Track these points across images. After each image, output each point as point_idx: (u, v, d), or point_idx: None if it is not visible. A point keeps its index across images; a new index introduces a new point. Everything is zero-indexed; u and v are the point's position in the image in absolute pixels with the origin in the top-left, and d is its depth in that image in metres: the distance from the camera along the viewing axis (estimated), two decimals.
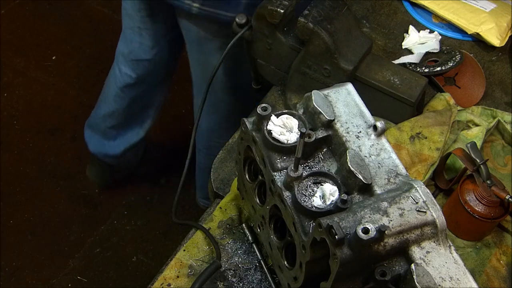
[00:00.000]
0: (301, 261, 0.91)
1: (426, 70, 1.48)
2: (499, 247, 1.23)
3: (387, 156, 0.93)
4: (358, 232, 0.77)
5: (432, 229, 0.84)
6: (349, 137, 0.94)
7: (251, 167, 1.08)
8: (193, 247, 1.18)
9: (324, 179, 0.92)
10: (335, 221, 0.80)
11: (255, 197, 1.06)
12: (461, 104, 1.43)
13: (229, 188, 1.29)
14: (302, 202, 0.88)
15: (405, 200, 0.85)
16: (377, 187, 0.89)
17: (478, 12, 1.62)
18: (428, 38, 1.59)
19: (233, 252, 1.17)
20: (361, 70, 1.34)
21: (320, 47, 1.29)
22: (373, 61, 1.36)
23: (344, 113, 0.97)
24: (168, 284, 1.13)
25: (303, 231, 0.88)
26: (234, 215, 1.22)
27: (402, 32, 1.62)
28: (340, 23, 1.31)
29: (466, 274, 0.83)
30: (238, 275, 1.14)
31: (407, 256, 0.83)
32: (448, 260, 0.84)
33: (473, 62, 1.54)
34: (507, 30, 1.60)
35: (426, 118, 1.34)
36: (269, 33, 1.38)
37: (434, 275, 0.81)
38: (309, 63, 1.34)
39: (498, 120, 1.38)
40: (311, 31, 1.27)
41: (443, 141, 1.31)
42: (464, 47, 1.60)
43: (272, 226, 1.02)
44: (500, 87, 1.53)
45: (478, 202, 1.18)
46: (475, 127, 1.38)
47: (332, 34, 1.28)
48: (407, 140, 1.30)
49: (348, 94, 1.00)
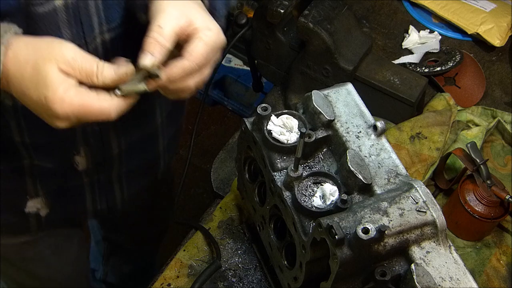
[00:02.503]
0: (301, 261, 0.91)
1: (426, 70, 1.48)
2: (499, 247, 1.23)
3: (387, 156, 0.93)
4: (358, 232, 0.77)
5: (432, 229, 0.84)
6: (349, 137, 0.94)
7: (251, 167, 1.08)
8: (193, 247, 1.18)
9: (324, 179, 0.92)
10: (335, 221, 0.80)
11: (255, 197, 1.06)
12: (461, 104, 1.43)
13: (229, 188, 1.29)
14: (302, 202, 0.88)
15: (405, 200, 0.85)
16: (377, 187, 0.89)
17: (478, 12, 1.62)
18: (428, 38, 1.59)
19: (233, 252, 1.17)
20: (361, 70, 1.34)
21: (320, 47, 1.29)
22: (373, 61, 1.36)
23: (344, 113, 0.97)
24: (168, 284, 1.13)
25: (303, 231, 0.88)
26: (234, 215, 1.22)
27: (402, 32, 1.62)
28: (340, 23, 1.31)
29: (466, 274, 0.83)
30: (238, 275, 1.14)
31: (407, 256, 0.83)
32: (448, 260, 0.84)
33: (473, 62, 1.54)
34: (507, 30, 1.60)
35: (426, 118, 1.34)
36: (269, 33, 1.38)
37: (434, 275, 0.81)
38: (309, 63, 1.34)
39: (498, 120, 1.38)
40: (311, 31, 1.27)
41: (443, 141, 1.31)
42: (464, 47, 1.60)
43: (272, 226, 1.02)
44: (500, 87, 1.53)
45: (478, 202, 1.18)
46: (475, 127, 1.38)
47: (332, 34, 1.28)
48: (407, 140, 1.30)
49: (348, 94, 1.00)
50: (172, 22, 0.87)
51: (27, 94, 0.83)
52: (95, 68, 0.83)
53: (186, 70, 0.88)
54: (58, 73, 0.81)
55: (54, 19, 0.91)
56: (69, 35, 0.94)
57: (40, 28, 0.90)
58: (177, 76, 0.88)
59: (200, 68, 0.89)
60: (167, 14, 0.87)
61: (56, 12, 0.90)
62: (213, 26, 0.90)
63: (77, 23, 0.94)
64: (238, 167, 1.10)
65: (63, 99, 0.81)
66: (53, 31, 0.92)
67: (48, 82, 0.81)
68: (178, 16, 0.88)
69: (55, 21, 0.92)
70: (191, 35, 0.89)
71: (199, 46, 0.88)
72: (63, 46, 0.83)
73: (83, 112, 0.83)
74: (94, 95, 0.84)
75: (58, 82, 0.81)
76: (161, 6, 0.88)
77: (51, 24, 0.91)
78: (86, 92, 0.84)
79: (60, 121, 0.85)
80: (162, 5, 0.88)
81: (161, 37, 0.86)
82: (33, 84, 0.82)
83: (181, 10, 0.88)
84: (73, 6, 0.92)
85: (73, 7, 0.92)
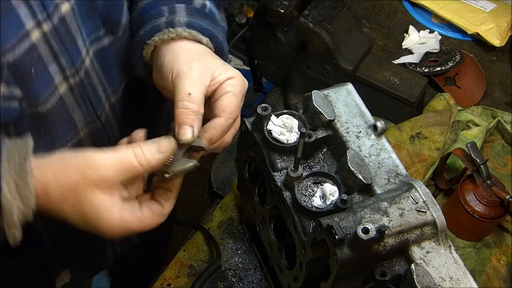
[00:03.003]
0: (301, 261, 0.91)
1: (426, 70, 1.48)
2: (499, 247, 1.23)
3: (387, 156, 0.93)
4: (358, 232, 0.77)
5: (432, 229, 0.84)
6: (349, 137, 0.94)
7: (251, 167, 1.08)
8: (193, 247, 1.18)
9: (324, 179, 0.92)
10: (335, 221, 0.80)
11: (255, 197, 1.06)
12: (461, 104, 1.43)
13: (229, 188, 1.29)
14: (302, 202, 0.88)
15: (405, 200, 0.85)
16: (377, 187, 0.89)
17: (478, 12, 1.62)
18: (428, 38, 1.59)
19: (233, 252, 1.17)
20: (361, 70, 1.34)
21: (320, 47, 1.29)
22: (373, 61, 1.36)
23: (344, 113, 0.97)
24: (168, 284, 1.13)
25: (303, 231, 0.88)
26: (234, 215, 1.22)
27: (402, 32, 1.62)
28: (340, 23, 1.31)
29: (466, 274, 0.83)
30: (238, 275, 1.14)
31: (407, 256, 0.83)
32: (448, 260, 0.83)
33: (473, 62, 1.54)
34: (507, 30, 1.60)
35: (426, 118, 1.34)
36: (269, 33, 1.38)
37: (434, 275, 0.81)
38: (309, 63, 1.34)
39: (498, 120, 1.38)
40: (311, 31, 1.27)
41: (443, 141, 1.31)
42: (464, 47, 1.60)
43: (272, 226, 1.02)
44: (500, 87, 1.53)
45: (478, 202, 1.18)
46: (475, 127, 1.38)
47: (332, 34, 1.28)
48: (407, 140, 1.30)
49: (348, 94, 1.00)
50: (198, 85, 0.83)
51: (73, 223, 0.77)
52: (134, 160, 0.77)
53: (224, 128, 0.86)
54: (103, 198, 0.75)
55: (62, 109, 0.88)
56: (81, 117, 0.91)
57: (52, 122, 0.87)
58: (218, 137, 0.86)
59: (234, 121, 0.88)
60: (192, 79, 0.83)
61: (63, 101, 0.88)
62: (233, 73, 0.88)
63: (85, 101, 0.91)
64: (238, 167, 1.10)
65: (118, 226, 0.77)
66: (64, 120, 0.89)
67: (96, 214, 0.75)
68: (201, 77, 0.84)
69: (64, 110, 0.88)
70: (217, 90, 0.86)
71: (230, 100, 0.86)
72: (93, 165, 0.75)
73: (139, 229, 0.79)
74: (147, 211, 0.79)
75: (107, 210, 0.76)
76: (181, 68, 0.85)
77: (61, 114, 0.88)
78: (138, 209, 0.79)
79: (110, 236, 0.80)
80: (181, 67, 0.85)
81: (193, 104, 0.82)
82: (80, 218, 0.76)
83: (201, 69, 0.85)
84: (78, 86, 0.89)
85: (79, 88, 0.90)
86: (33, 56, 0.80)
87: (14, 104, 0.80)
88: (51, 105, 0.86)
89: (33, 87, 0.82)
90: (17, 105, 0.81)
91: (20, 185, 0.72)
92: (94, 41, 0.93)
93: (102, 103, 0.96)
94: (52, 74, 0.84)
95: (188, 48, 0.89)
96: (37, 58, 0.81)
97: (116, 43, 0.97)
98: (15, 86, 0.79)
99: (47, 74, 0.84)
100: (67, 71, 0.86)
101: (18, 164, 0.72)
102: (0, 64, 0.76)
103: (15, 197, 0.71)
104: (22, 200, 0.72)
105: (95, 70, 0.93)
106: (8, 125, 0.81)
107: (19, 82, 0.80)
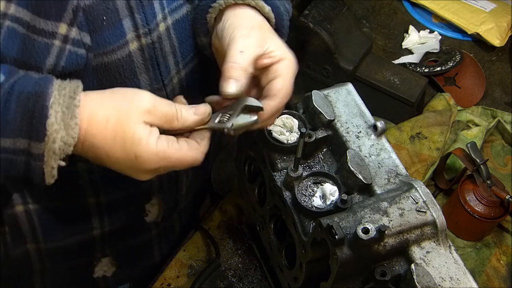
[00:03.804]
0: (301, 261, 0.91)
1: (426, 70, 1.48)
2: (499, 247, 1.23)
3: (387, 156, 0.93)
4: (358, 232, 0.77)
5: (432, 229, 0.84)
6: (349, 137, 0.94)
7: (251, 167, 1.08)
8: (193, 247, 1.18)
9: (324, 179, 0.92)
10: (335, 221, 0.80)
11: (255, 197, 1.06)
12: (461, 104, 1.43)
13: (229, 188, 1.29)
14: (302, 202, 0.88)
15: (405, 200, 0.85)
16: (377, 187, 0.89)
17: (478, 12, 1.62)
18: (428, 38, 1.59)
19: (233, 252, 1.17)
20: (361, 70, 1.34)
21: (320, 47, 1.29)
22: (373, 61, 1.36)
23: (344, 113, 0.97)
24: (168, 284, 1.13)
25: (303, 231, 0.88)
26: (234, 215, 1.22)
27: (402, 32, 1.62)
28: (340, 23, 1.31)
29: (466, 274, 0.83)
30: (238, 275, 1.14)
31: (407, 256, 0.83)
32: (448, 260, 0.83)
33: (473, 62, 1.54)
34: (507, 30, 1.60)
35: (426, 118, 1.34)
36: None
37: (434, 275, 0.81)
38: (309, 63, 1.34)
39: (498, 120, 1.39)
40: (311, 31, 1.27)
41: (443, 141, 1.31)
42: (464, 47, 1.60)
43: (272, 226, 1.02)
44: (500, 87, 1.53)
45: (478, 202, 1.18)
46: (475, 127, 1.38)
47: (332, 34, 1.28)
48: (407, 140, 1.30)
49: (348, 94, 1.00)
50: (252, 47, 0.84)
51: (111, 154, 0.77)
52: (174, 111, 0.79)
53: (274, 112, 0.87)
54: (144, 126, 0.77)
55: (129, 66, 0.87)
56: (147, 80, 0.90)
57: (115, 77, 0.87)
58: (265, 120, 0.86)
59: (284, 103, 0.88)
60: (248, 40, 0.84)
61: (131, 58, 0.87)
62: (287, 54, 0.88)
63: (153, 66, 0.91)
64: (238, 167, 1.10)
65: (157, 153, 0.77)
66: (128, 79, 0.88)
67: (136, 139, 0.76)
68: (257, 42, 0.85)
69: (131, 68, 0.87)
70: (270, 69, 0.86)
71: (283, 86, 0.86)
72: (140, 96, 0.78)
73: (177, 163, 0.79)
74: (184, 143, 0.80)
75: (147, 137, 0.76)
76: (240, 32, 0.85)
77: (126, 72, 0.87)
78: (175, 141, 0.79)
79: (148, 174, 0.80)
80: (240, 31, 0.85)
81: (243, 61, 0.82)
82: (119, 144, 0.76)
83: (259, 37, 0.86)
84: (148, 48, 0.89)
85: (149, 50, 0.89)
86: (108, 4, 0.82)
87: (81, 51, 0.81)
88: (118, 57, 0.86)
89: (102, 36, 0.83)
90: (83, 53, 0.81)
91: (67, 115, 0.73)
92: (174, 10, 0.93)
93: (170, 75, 0.95)
94: (125, 28, 0.85)
95: (250, 16, 0.90)
96: (113, 9, 0.83)
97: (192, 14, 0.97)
98: (86, 33, 0.80)
99: (120, 26, 0.84)
100: (140, 29, 0.86)
101: (68, 96, 0.74)
102: (76, 6, 0.77)
103: (60, 125, 0.72)
104: (67, 130, 0.73)
105: (169, 39, 0.93)
106: (71, 74, 0.81)
107: (91, 29, 0.81)
